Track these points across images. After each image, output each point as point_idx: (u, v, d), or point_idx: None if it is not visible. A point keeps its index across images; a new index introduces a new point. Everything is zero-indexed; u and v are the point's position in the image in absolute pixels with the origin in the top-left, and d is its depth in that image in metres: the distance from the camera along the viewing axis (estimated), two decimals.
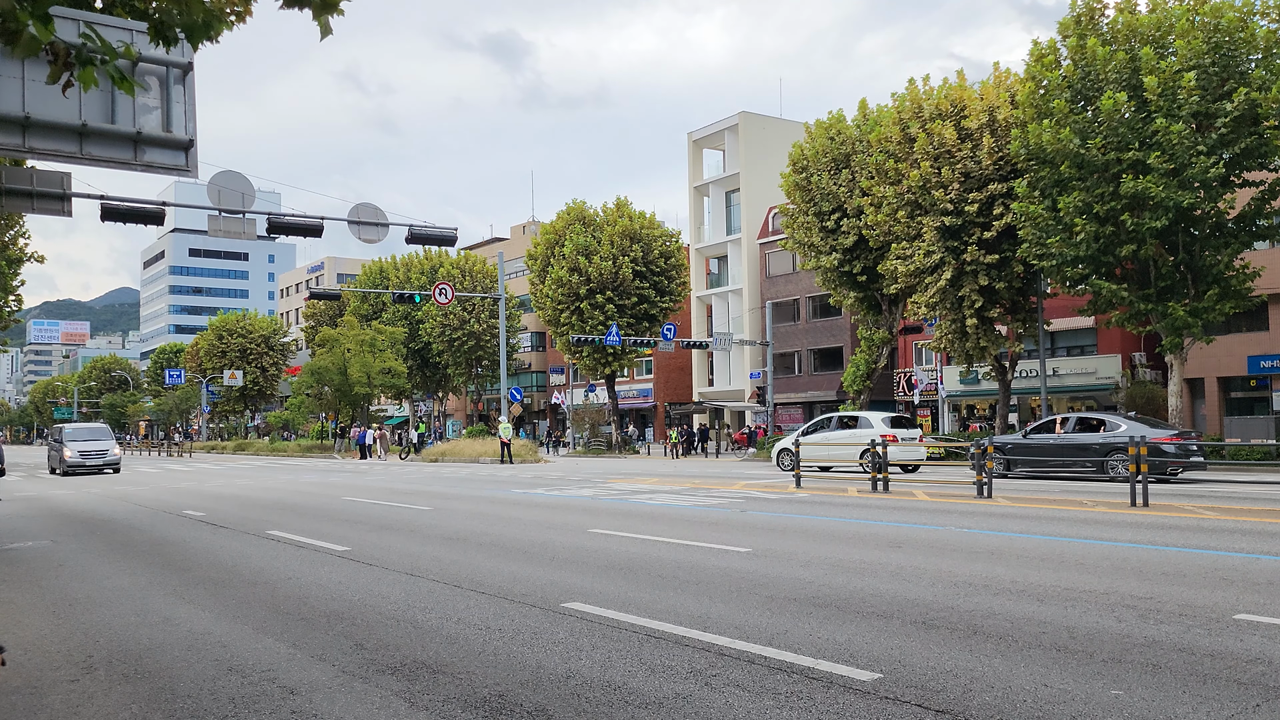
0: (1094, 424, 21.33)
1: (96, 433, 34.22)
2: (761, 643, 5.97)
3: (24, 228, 29.86)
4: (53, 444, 34.53)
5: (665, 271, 46.76)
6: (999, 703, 4.71)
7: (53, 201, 10.34)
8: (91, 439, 33.11)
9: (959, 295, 29.46)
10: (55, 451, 33.33)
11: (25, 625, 7.18)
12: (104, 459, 32.29)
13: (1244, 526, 11.24)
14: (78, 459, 31.69)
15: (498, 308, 50.84)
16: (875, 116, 33.76)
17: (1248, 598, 7.06)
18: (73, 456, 31.67)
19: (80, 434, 33.62)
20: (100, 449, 32.46)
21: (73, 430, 33.90)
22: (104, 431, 34.39)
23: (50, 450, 34.79)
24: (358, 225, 22.72)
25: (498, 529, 12.71)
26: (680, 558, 9.66)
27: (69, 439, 32.66)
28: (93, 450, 32.20)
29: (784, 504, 15.57)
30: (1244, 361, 34.87)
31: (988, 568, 8.61)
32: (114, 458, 32.72)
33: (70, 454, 31.66)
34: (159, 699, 5.16)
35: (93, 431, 34.34)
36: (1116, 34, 25.05)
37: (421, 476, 27.66)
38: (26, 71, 5.92)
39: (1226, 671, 5.16)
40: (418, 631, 6.58)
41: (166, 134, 6.44)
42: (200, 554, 10.97)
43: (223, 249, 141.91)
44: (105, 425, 36.61)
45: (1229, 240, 24.72)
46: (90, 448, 32.23)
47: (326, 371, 53.00)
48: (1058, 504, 14.57)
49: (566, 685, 5.19)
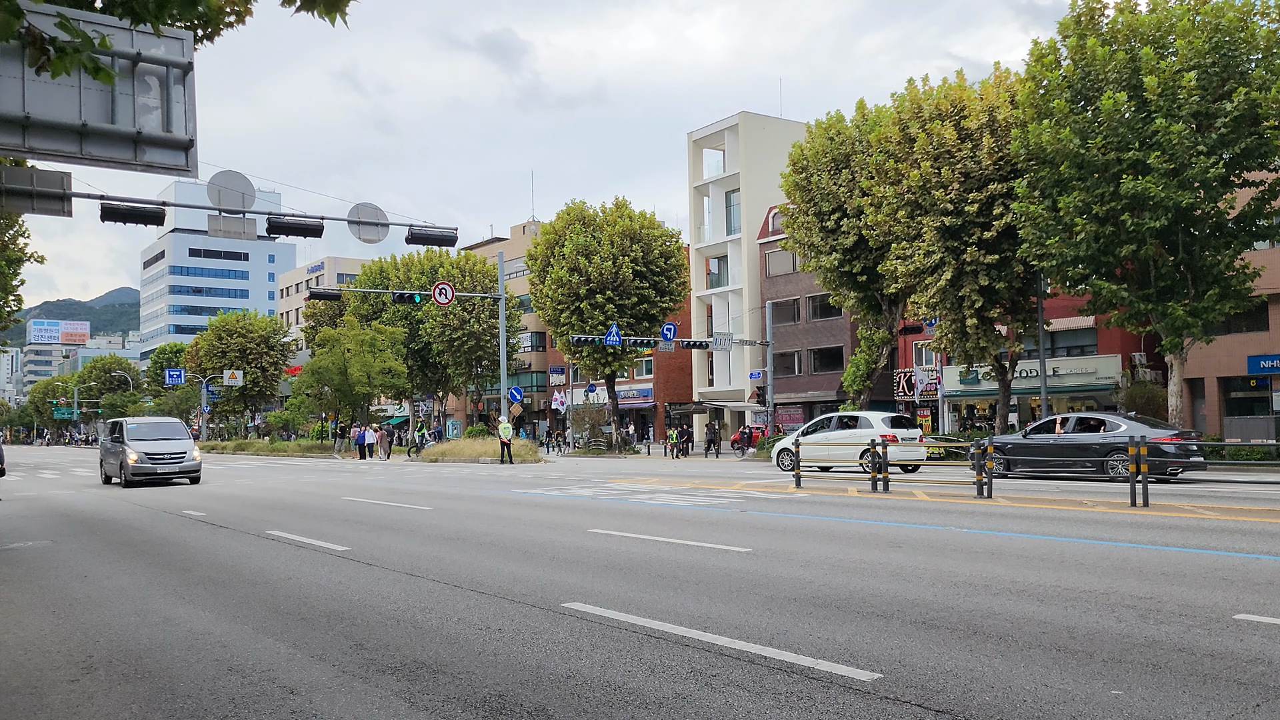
0: (1094, 424, 21.33)
1: (167, 428, 26.69)
2: (761, 643, 5.97)
3: (24, 227, 29.87)
4: (109, 445, 26.75)
5: (665, 271, 46.76)
6: (999, 703, 4.71)
7: (53, 201, 10.34)
8: (162, 437, 25.76)
9: (959, 295, 29.46)
10: (113, 454, 25.74)
11: (25, 625, 7.18)
12: (180, 464, 24.73)
13: (1244, 526, 11.24)
14: (145, 464, 24.07)
15: (498, 308, 50.85)
16: (874, 117, 33.76)
17: (1248, 598, 7.06)
18: (139, 461, 24.03)
19: (146, 430, 26.06)
20: (174, 450, 24.98)
21: (137, 426, 26.15)
22: (176, 427, 26.92)
23: (105, 453, 27.00)
24: (358, 225, 22.72)
25: (498, 529, 12.71)
26: (680, 558, 9.66)
27: (133, 437, 25.13)
28: (164, 453, 24.67)
29: (784, 504, 15.57)
30: (1244, 361, 34.88)
31: (988, 568, 8.61)
32: (192, 462, 25.04)
33: (135, 457, 24.01)
34: (159, 699, 5.16)
35: (162, 427, 26.71)
36: (1116, 34, 25.05)
37: (421, 476, 27.66)
38: (27, 72, 5.92)
39: (1226, 671, 5.16)
40: (418, 631, 6.57)
41: (166, 134, 6.44)
42: (200, 554, 10.97)
43: (223, 249, 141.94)
44: (177, 420, 28.33)
45: (1229, 240, 24.72)
46: (161, 448, 24.75)
47: (326, 371, 53.01)
48: (1058, 504, 14.57)
49: (566, 685, 5.19)
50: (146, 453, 24.29)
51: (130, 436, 25.12)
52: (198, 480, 25.27)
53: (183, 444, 25.46)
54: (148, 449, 24.49)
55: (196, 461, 25.18)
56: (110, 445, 26.51)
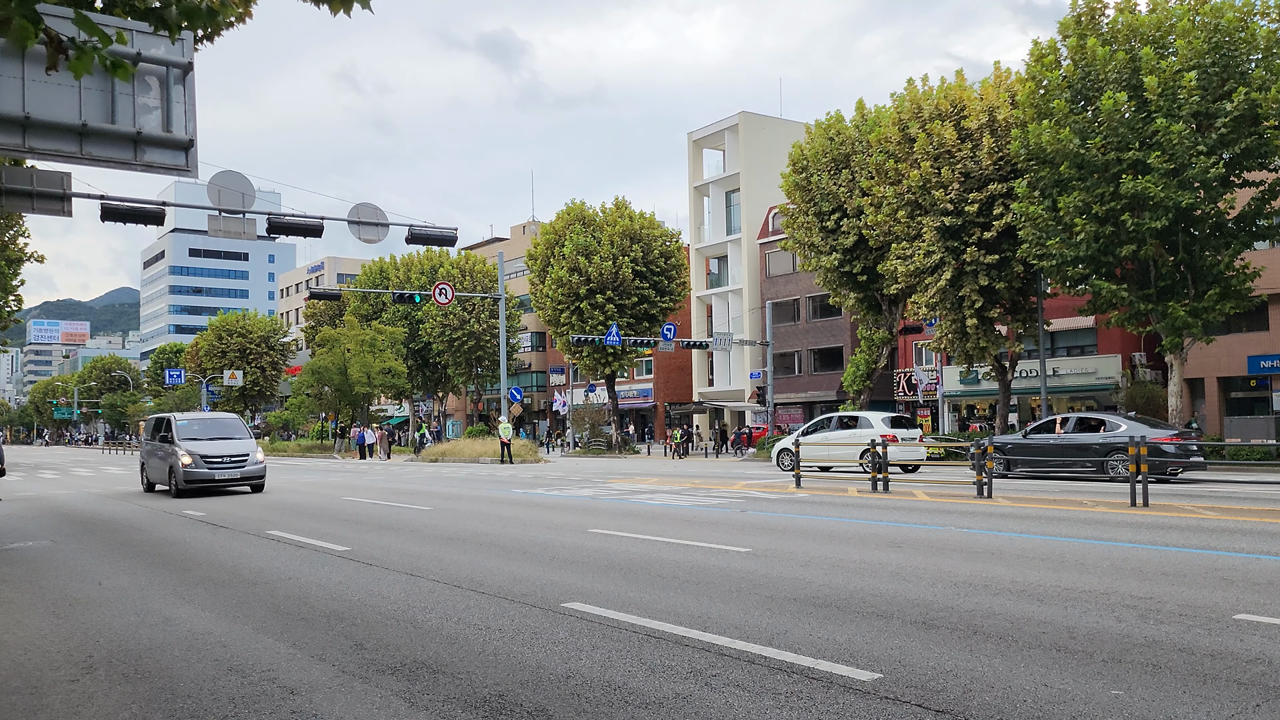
0: (1094, 424, 21.33)
1: (223, 425, 22.01)
2: (761, 643, 5.97)
3: (24, 227, 29.89)
4: (153, 445, 21.96)
5: (665, 271, 46.76)
6: (999, 703, 4.71)
7: (53, 201, 10.34)
8: (219, 435, 21.28)
9: (959, 295, 29.47)
10: (158, 457, 21.38)
11: (25, 625, 7.18)
12: (241, 468, 20.54)
13: (1244, 526, 11.24)
14: (200, 469, 19.94)
15: (498, 308, 50.85)
16: (873, 117, 33.78)
17: (1248, 598, 7.06)
18: (193, 465, 19.92)
19: (199, 427, 21.51)
20: (234, 452, 20.58)
21: (188, 423, 21.62)
22: (233, 424, 22.26)
23: (147, 455, 22.47)
24: (358, 225, 22.73)
25: (498, 529, 12.71)
26: (680, 558, 9.66)
27: (184, 436, 20.76)
28: (223, 456, 20.34)
29: (784, 504, 15.57)
30: (1244, 361, 34.88)
31: (988, 568, 8.61)
32: (256, 466, 20.81)
33: (188, 460, 19.91)
34: (159, 699, 5.16)
35: (218, 424, 22.05)
36: (1117, 34, 25.05)
37: (421, 476, 27.66)
38: (27, 72, 5.92)
39: (1226, 671, 5.16)
40: (418, 631, 6.57)
41: (166, 134, 6.44)
42: (200, 554, 10.97)
43: (223, 249, 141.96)
44: (235, 416, 23.46)
45: (1229, 240, 24.72)
46: (218, 450, 20.45)
47: (326, 371, 53.03)
48: (1058, 504, 14.57)
49: (566, 685, 5.19)
50: (202, 455, 19.96)
51: (181, 435, 20.60)
52: (261, 488, 20.97)
53: (243, 444, 20.92)
54: (203, 450, 20.12)
55: (260, 465, 20.81)
56: (155, 446, 21.73)
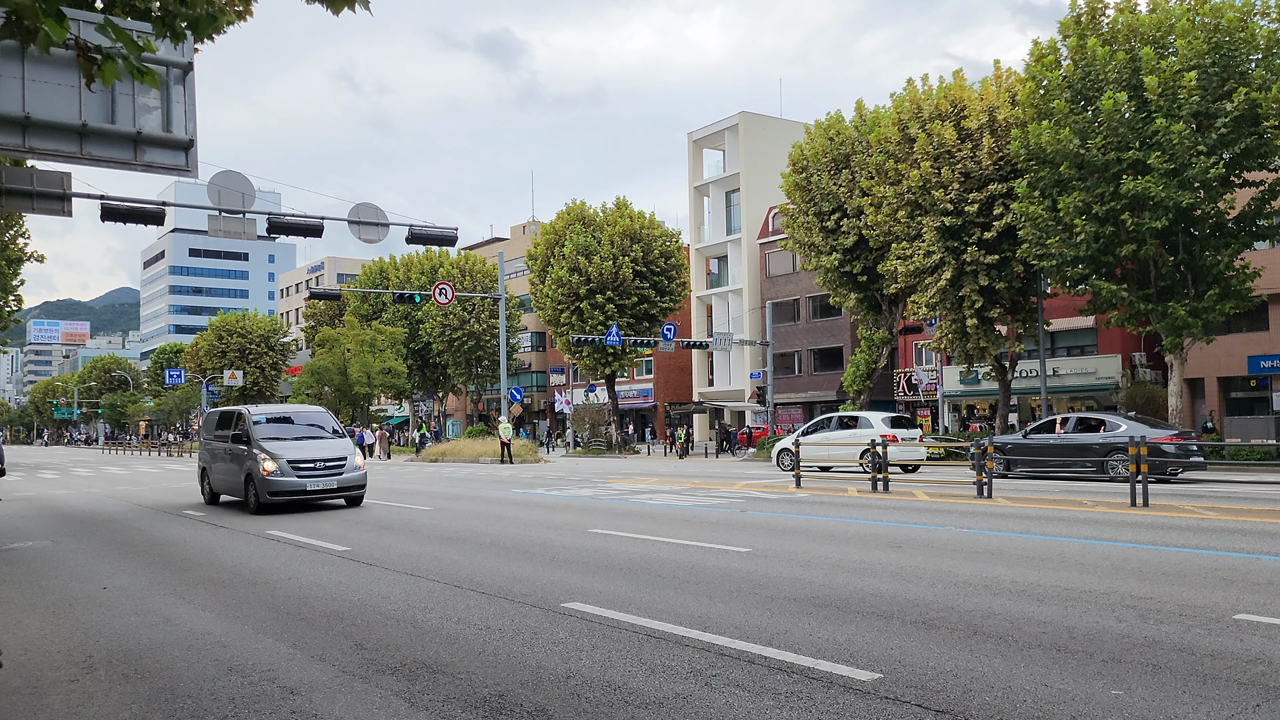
0: (1094, 424, 21.33)
1: (309, 420, 17.70)
2: (761, 643, 5.97)
3: (24, 227, 29.89)
4: (223, 446, 17.54)
5: (665, 271, 46.76)
6: (999, 703, 4.71)
7: (53, 201, 10.33)
8: (306, 434, 16.99)
9: (959, 295, 29.46)
10: (230, 459, 17.09)
11: (25, 625, 7.18)
12: (339, 475, 16.19)
13: (1244, 526, 11.24)
14: (287, 478, 15.63)
15: (498, 308, 50.85)
16: (872, 118, 33.78)
17: (1248, 598, 7.06)
18: (278, 473, 15.57)
19: (281, 424, 17.12)
20: (329, 457, 16.22)
21: (264, 418, 17.06)
22: (320, 419, 17.92)
23: (212, 458, 18.32)
24: (358, 225, 22.72)
25: (498, 529, 12.71)
26: (680, 558, 9.66)
27: (266, 437, 16.28)
28: (314, 460, 16.01)
29: (784, 504, 15.57)
30: (1244, 361, 34.88)
31: (988, 568, 8.61)
32: (356, 474, 16.46)
33: (272, 466, 15.61)
34: (159, 699, 5.16)
35: (303, 419, 17.71)
36: (1117, 34, 25.04)
37: (421, 476, 27.66)
38: (27, 72, 5.92)
39: (1226, 671, 5.16)
40: (418, 631, 6.58)
41: (167, 134, 6.43)
42: (200, 554, 10.97)
43: (223, 249, 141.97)
44: (321, 409, 18.84)
45: (1229, 240, 24.72)
46: (308, 452, 16.10)
47: (326, 371, 53.03)
48: (1058, 504, 14.56)
49: (566, 685, 5.19)
50: (289, 460, 15.62)
51: (260, 434, 16.26)
52: (359, 501, 16.74)
53: (337, 445, 16.58)
54: (289, 453, 15.78)
55: (360, 473, 16.39)
56: (222, 447, 17.47)
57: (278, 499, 15.64)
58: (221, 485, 17.79)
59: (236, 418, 17.42)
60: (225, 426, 17.96)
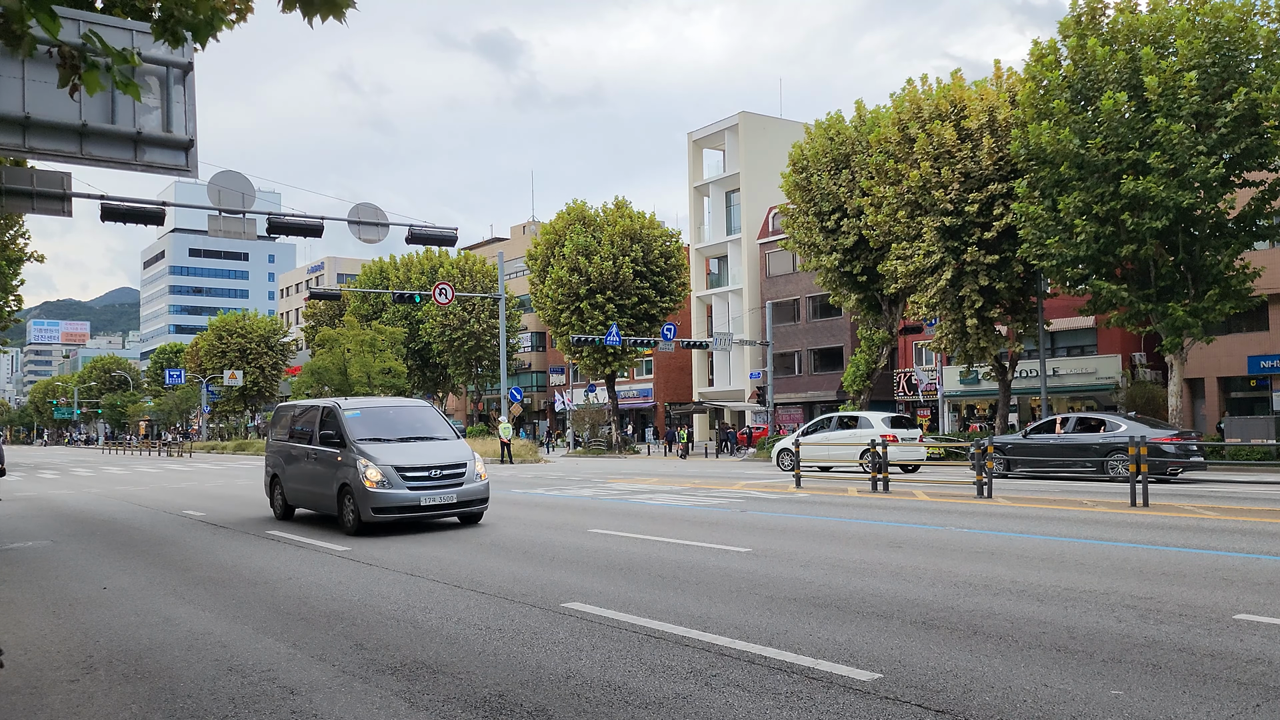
0: (1094, 424, 21.33)
1: (416, 418, 14.30)
2: (761, 643, 5.97)
3: (24, 228, 29.88)
4: (299, 447, 14.45)
5: (665, 271, 46.76)
6: (999, 703, 4.71)
7: (53, 201, 10.34)
8: (412, 434, 13.66)
9: (959, 295, 29.46)
10: (315, 464, 13.79)
11: (25, 625, 7.18)
12: (458, 486, 12.92)
13: (1244, 526, 11.24)
14: (397, 490, 12.42)
15: (498, 308, 50.85)
16: (872, 118, 33.79)
17: (1248, 598, 7.06)
18: (385, 483, 12.39)
19: (380, 421, 13.79)
20: (445, 463, 12.98)
21: (361, 414, 13.71)
22: (429, 416, 14.49)
23: (285, 463, 14.89)
24: (358, 225, 22.71)
25: (498, 529, 12.70)
26: (680, 558, 9.66)
27: (363, 436, 13.11)
28: (428, 467, 12.77)
29: (784, 504, 15.57)
30: (1244, 361, 34.87)
31: (988, 568, 8.61)
32: (477, 484, 13.16)
33: (377, 475, 12.41)
34: (159, 699, 5.16)
35: (405, 414, 14.35)
36: (1117, 34, 25.04)
37: None
38: (27, 72, 5.92)
39: (1226, 671, 5.16)
40: (418, 631, 6.58)
41: (166, 134, 6.43)
42: (200, 554, 10.97)
43: (223, 249, 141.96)
44: (425, 403, 15.38)
45: (1229, 240, 24.71)
46: (418, 457, 12.86)
47: (326, 371, 53.02)
48: (1058, 504, 14.56)
49: (566, 685, 5.19)
50: (397, 467, 12.40)
51: (358, 434, 12.98)
52: (479, 518, 13.52)
53: (453, 448, 13.28)
54: (396, 459, 12.53)
55: (483, 483, 13.16)
56: (308, 450, 13.90)
57: (384, 517, 12.14)
58: (301, 497, 14.30)
59: (325, 413, 13.77)
60: (308, 424, 14.34)
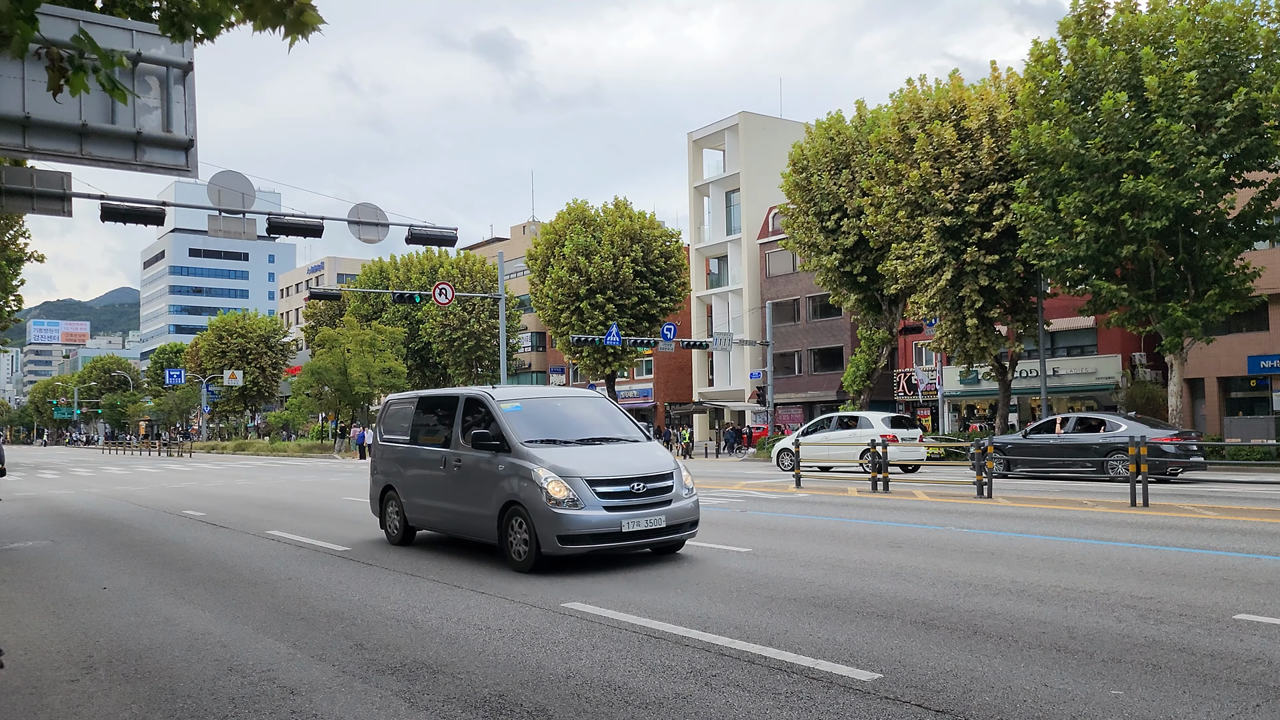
0: (1094, 424, 21.33)
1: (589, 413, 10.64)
2: (761, 643, 5.97)
3: (24, 227, 29.87)
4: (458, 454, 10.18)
5: (665, 271, 46.76)
6: (999, 703, 4.71)
7: (53, 201, 10.33)
8: (596, 434, 10.14)
9: (959, 295, 29.47)
10: (475, 478, 9.87)
11: (25, 625, 7.18)
12: (665, 505, 9.28)
13: (1244, 526, 11.24)
14: (591, 512, 8.82)
15: (498, 308, 50.84)
16: (872, 118, 33.79)
17: (1248, 598, 7.06)
18: (575, 503, 8.83)
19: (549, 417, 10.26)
20: (649, 472, 9.37)
21: (522, 405, 10.19)
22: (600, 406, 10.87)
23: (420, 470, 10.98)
24: (358, 225, 22.71)
25: None
26: (680, 557, 9.65)
27: (531, 441, 9.53)
28: (632, 481, 9.17)
29: (784, 504, 15.57)
30: (1244, 361, 34.87)
31: (988, 568, 8.61)
32: (687, 504, 9.54)
33: (561, 491, 8.82)
34: (159, 699, 5.16)
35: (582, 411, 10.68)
36: (1117, 34, 25.05)
37: None
38: (27, 72, 5.92)
39: (1226, 671, 5.16)
40: (418, 631, 6.58)
41: (166, 134, 6.43)
42: (200, 554, 10.97)
43: (223, 249, 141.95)
44: (599, 395, 11.18)
45: (1229, 240, 24.72)
46: (614, 467, 9.29)
47: (326, 371, 53.01)
48: (1058, 504, 14.56)
49: (566, 685, 5.19)
50: (588, 480, 9.11)
51: (525, 436, 9.70)
52: (681, 546, 10.16)
53: (649, 454, 9.92)
54: (582, 467, 9.25)
55: (693, 500, 9.81)
56: (446, 455, 10.53)
57: (575, 548, 8.73)
58: (433, 517, 10.69)
59: (470, 406, 10.31)
60: (441, 420, 10.84)
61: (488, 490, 9.58)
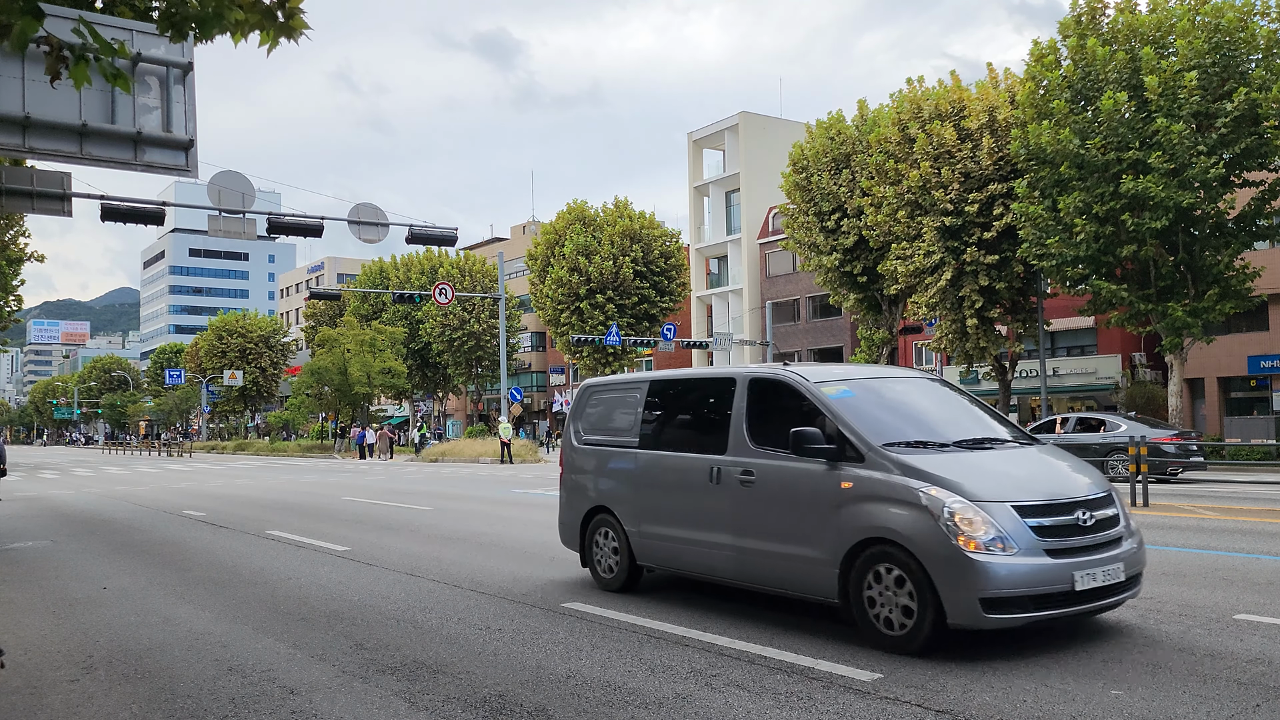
0: (1094, 424, 21.33)
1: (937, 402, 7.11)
2: (761, 643, 5.97)
3: (24, 227, 29.86)
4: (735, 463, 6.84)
5: (665, 271, 46.76)
6: (999, 703, 4.71)
7: (53, 201, 10.34)
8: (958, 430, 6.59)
9: (959, 295, 29.47)
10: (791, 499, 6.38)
11: (25, 625, 7.18)
12: (1117, 544, 5.98)
13: (1244, 526, 11.24)
14: (1034, 564, 5.47)
15: (498, 308, 50.85)
16: (873, 118, 33.79)
17: (1248, 598, 7.06)
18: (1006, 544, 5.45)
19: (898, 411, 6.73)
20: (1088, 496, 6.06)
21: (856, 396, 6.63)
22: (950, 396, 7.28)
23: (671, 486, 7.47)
24: (358, 225, 22.71)
25: (498, 529, 12.70)
26: None
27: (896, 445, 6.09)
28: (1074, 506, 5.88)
29: None
30: (1244, 361, 34.87)
31: None
32: (1134, 546, 6.11)
33: (985, 528, 5.48)
34: (159, 699, 5.16)
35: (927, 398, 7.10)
36: (1117, 34, 25.04)
37: (421, 476, 27.65)
38: (27, 71, 5.92)
39: (1226, 671, 5.16)
40: (418, 631, 6.58)
41: (166, 134, 6.43)
42: (200, 554, 10.97)
43: (223, 249, 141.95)
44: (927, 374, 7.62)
45: (1229, 240, 24.71)
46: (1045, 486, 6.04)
47: (326, 371, 53.01)
48: None
49: (566, 685, 5.19)
50: (1016, 505, 5.70)
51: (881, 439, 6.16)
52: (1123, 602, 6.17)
53: (1059, 466, 6.58)
54: (996, 487, 5.81)
55: (1138, 535, 6.39)
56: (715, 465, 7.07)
57: (1007, 616, 5.51)
58: (687, 555, 7.37)
59: (761, 390, 7.14)
60: (711, 413, 7.61)
61: (814, 520, 6.26)
